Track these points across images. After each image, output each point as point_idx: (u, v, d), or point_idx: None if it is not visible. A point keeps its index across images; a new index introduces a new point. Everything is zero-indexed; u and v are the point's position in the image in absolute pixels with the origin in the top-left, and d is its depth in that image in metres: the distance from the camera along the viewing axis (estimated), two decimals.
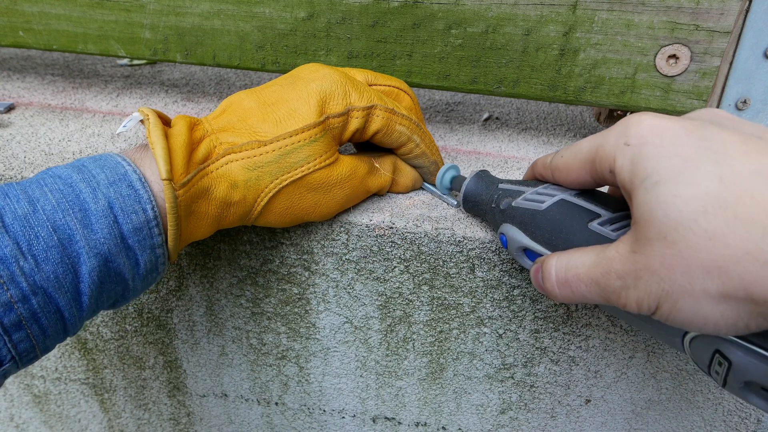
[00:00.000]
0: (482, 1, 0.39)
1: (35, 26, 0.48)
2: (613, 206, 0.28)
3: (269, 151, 0.32)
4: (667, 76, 0.39)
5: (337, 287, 0.42)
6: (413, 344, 0.44)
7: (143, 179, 0.30)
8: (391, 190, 0.41)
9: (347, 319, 0.44)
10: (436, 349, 0.44)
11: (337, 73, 0.35)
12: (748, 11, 0.38)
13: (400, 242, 0.39)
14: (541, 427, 0.48)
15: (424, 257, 0.39)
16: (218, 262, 0.43)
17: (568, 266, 0.26)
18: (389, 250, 0.39)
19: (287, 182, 0.33)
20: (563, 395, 0.46)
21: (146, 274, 0.31)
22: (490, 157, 0.47)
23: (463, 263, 0.39)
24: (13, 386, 0.56)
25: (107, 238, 0.28)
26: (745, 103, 0.41)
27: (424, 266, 0.40)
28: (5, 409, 0.58)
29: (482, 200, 0.35)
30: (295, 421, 0.53)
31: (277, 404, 0.52)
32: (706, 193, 0.21)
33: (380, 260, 0.40)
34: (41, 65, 0.62)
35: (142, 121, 0.33)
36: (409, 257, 0.39)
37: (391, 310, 0.42)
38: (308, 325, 0.45)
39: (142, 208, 0.29)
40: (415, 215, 0.39)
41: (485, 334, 0.42)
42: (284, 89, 0.35)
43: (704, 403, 0.45)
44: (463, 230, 0.38)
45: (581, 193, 0.29)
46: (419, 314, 0.42)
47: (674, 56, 0.39)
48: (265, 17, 0.43)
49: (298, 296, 0.43)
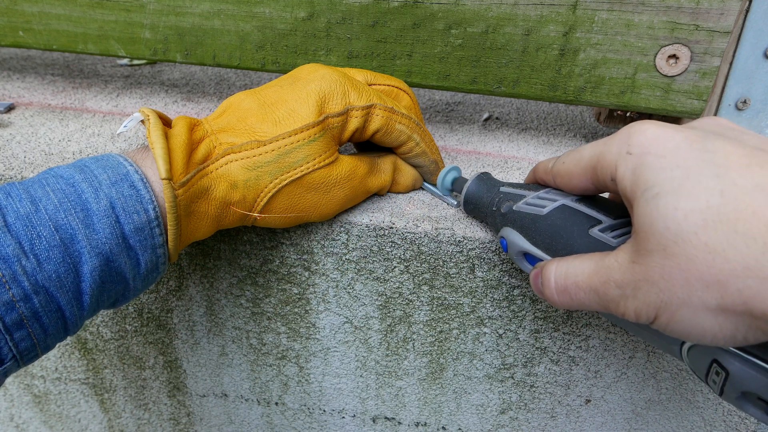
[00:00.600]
0: (482, 1, 0.39)
1: (35, 26, 0.48)
2: (614, 212, 0.28)
3: (268, 150, 0.32)
4: (667, 76, 0.39)
5: (337, 287, 0.42)
6: (413, 344, 0.44)
7: (145, 179, 0.30)
8: (391, 190, 0.41)
9: (347, 319, 0.44)
10: (436, 349, 0.44)
11: (336, 73, 0.35)
12: (748, 11, 0.38)
13: (400, 242, 0.39)
14: (541, 427, 0.48)
15: (424, 257, 0.39)
16: (218, 262, 0.43)
17: (567, 273, 0.26)
18: (389, 250, 0.39)
19: (287, 182, 0.33)
20: (563, 395, 0.46)
21: (147, 273, 0.31)
22: (490, 157, 0.47)
23: (463, 263, 0.39)
24: (13, 386, 0.56)
25: (109, 237, 0.28)
26: (745, 103, 0.41)
27: (424, 266, 0.40)
28: (5, 409, 0.58)
29: (483, 203, 0.35)
30: (295, 421, 0.53)
31: (277, 404, 0.52)
32: (706, 206, 0.21)
33: (380, 260, 0.40)
34: (41, 65, 0.62)
35: (142, 121, 0.33)
36: (409, 257, 0.39)
37: (391, 310, 0.42)
38: (308, 325, 0.45)
39: (143, 208, 0.29)
40: (415, 215, 0.39)
41: (485, 334, 0.42)
42: (283, 89, 0.35)
43: (704, 403, 0.45)
44: (463, 230, 0.38)
45: (582, 198, 0.29)
46: (419, 314, 0.42)
47: (674, 56, 0.39)
48: (265, 17, 0.43)
49: (298, 296, 0.43)
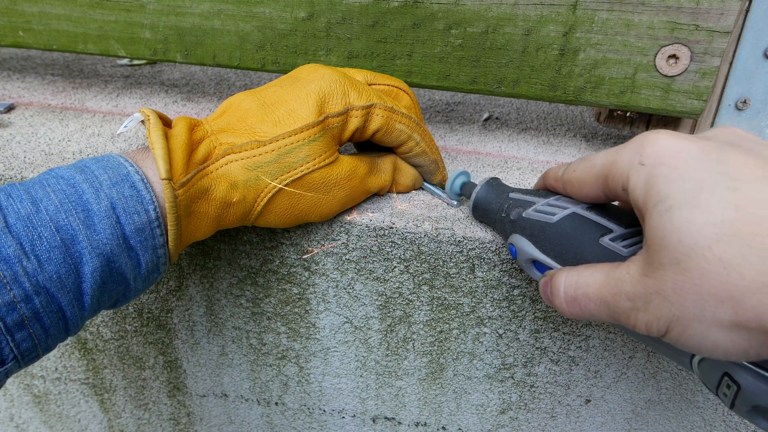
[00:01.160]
0: (482, 1, 0.39)
1: (35, 26, 0.48)
2: (625, 221, 0.27)
3: (268, 150, 0.32)
4: (667, 76, 0.39)
5: (337, 287, 0.42)
6: (413, 344, 0.44)
7: (145, 180, 0.30)
8: (391, 190, 0.41)
9: (347, 319, 0.44)
10: (436, 349, 0.44)
11: (336, 73, 0.35)
12: (748, 11, 0.38)
13: (400, 242, 0.39)
14: (541, 427, 0.48)
15: (424, 257, 0.39)
16: (218, 262, 0.43)
17: (577, 284, 0.26)
18: (389, 250, 0.39)
19: (287, 182, 0.33)
20: (563, 395, 0.46)
21: (148, 274, 0.31)
22: (490, 157, 0.47)
23: (463, 263, 0.39)
24: (13, 386, 0.56)
25: (110, 238, 0.28)
26: (745, 103, 0.41)
27: (424, 266, 0.40)
28: (5, 409, 0.58)
29: (492, 209, 0.35)
30: (295, 421, 0.53)
31: (277, 404, 0.52)
32: (721, 220, 0.20)
33: (380, 260, 0.40)
34: (41, 65, 0.62)
35: (142, 121, 0.33)
36: (409, 257, 0.39)
37: (391, 310, 0.42)
38: (308, 325, 0.45)
39: (144, 208, 0.29)
40: (415, 215, 0.39)
41: (485, 334, 0.42)
42: (283, 90, 0.35)
43: (704, 403, 0.45)
44: (463, 230, 0.38)
45: (593, 206, 0.29)
46: (419, 314, 0.42)
47: (674, 56, 0.39)
48: (265, 17, 0.43)
49: (298, 296, 0.43)
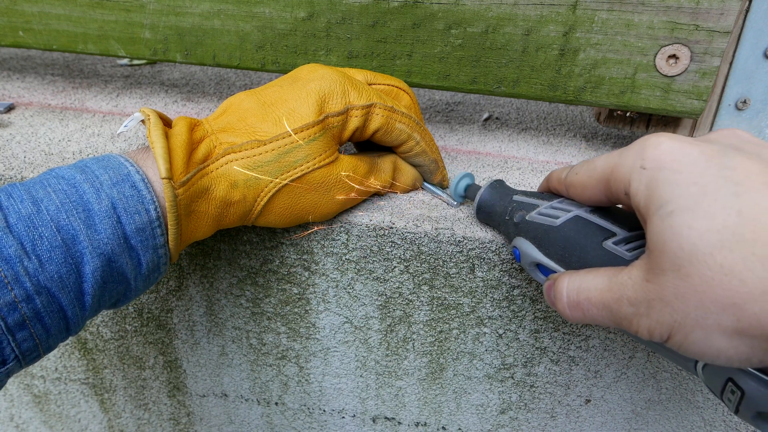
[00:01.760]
0: (482, 1, 0.39)
1: (35, 26, 0.48)
2: (628, 224, 0.27)
3: (269, 150, 0.33)
4: (667, 76, 0.39)
5: (337, 287, 0.42)
6: (413, 344, 0.44)
7: (146, 180, 0.30)
8: (391, 190, 0.41)
9: (347, 319, 0.44)
10: (436, 349, 0.44)
11: (336, 72, 0.35)
12: (748, 11, 0.38)
13: (400, 242, 0.39)
14: (541, 427, 0.48)
15: (424, 257, 0.39)
16: (218, 262, 0.43)
17: (579, 288, 0.26)
18: (389, 250, 0.39)
19: (287, 181, 0.33)
20: (563, 395, 0.46)
21: (148, 274, 0.31)
22: (490, 157, 0.47)
23: (463, 263, 0.39)
24: (13, 386, 0.56)
25: (110, 238, 0.28)
26: (745, 103, 0.41)
27: (424, 266, 0.40)
28: (5, 409, 0.58)
29: (496, 211, 0.35)
30: (295, 421, 0.53)
31: (277, 404, 0.52)
32: (723, 226, 0.20)
33: (380, 260, 0.40)
34: (41, 65, 0.62)
35: (143, 121, 0.33)
36: (409, 257, 0.39)
37: (391, 310, 0.42)
38: (308, 325, 0.45)
39: (144, 208, 0.29)
40: (415, 215, 0.39)
41: (485, 334, 0.42)
42: (283, 89, 0.35)
43: (704, 403, 0.45)
44: (463, 230, 0.38)
45: (596, 209, 0.29)
46: (419, 314, 0.42)
47: (674, 56, 0.39)
48: (265, 17, 0.43)
49: (298, 296, 0.43)
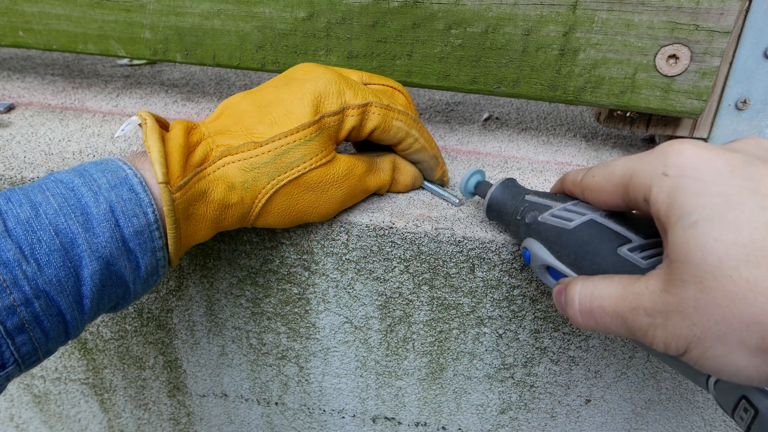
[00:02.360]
0: (482, 1, 0.39)
1: (35, 26, 0.48)
2: (644, 231, 0.27)
3: (265, 151, 0.33)
4: (667, 76, 0.39)
5: (337, 287, 0.42)
6: (413, 344, 0.44)
7: (144, 183, 0.30)
8: (391, 189, 0.41)
9: (347, 319, 0.44)
10: (436, 349, 0.44)
11: (331, 72, 0.35)
12: (748, 11, 0.38)
13: (400, 242, 0.39)
14: (541, 427, 0.48)
15: (424, 257, 0.39)
16: (218, 262, 0.43)
17: (593, 295, 0.25)
18: (389, 250, 0.39)
19: (284, 182, 0.33)
20: (563, 395, 0.46)
21: (147, 277, 0.31)
22: (490, 157, 0.47)
23: (463, 263, 0.39)
24: (13, 386, 0.56)
25: (109, 241, 0.28)
26: (745, 103, 0.41)
27: (424, 266, 0.40)
28: (5, 409, 0.58)
29: (507, 210, 0.34)
30: (295, 421, 0.53)
31: (277, 404, 0.52)
32: (750, 240, 0.19)
33: (380, 260, 0.40)
34: (41, 65, 0.62)
35: (140, 124, 0.33)
36: (409, 257, 0.39)
37: (391, 310, 0.42)
38: (308, 325, 0.45)
39: (143, 211, 0.29)
40: (415, 215, 0.39)
41: (485, 334, 0.42)
42: (279, 90, 0.35)
43: (704, 403, 0.45)
44: (463, 230, 0.38)
45: (612, 214, 0.28)
46: (419, 314, 0.42)
47: (674, 56, 0.39)
48: (265, 17, 0.43)
49: (298, 296, 0.43)
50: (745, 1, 0.38)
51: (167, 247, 0.31)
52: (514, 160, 0.46)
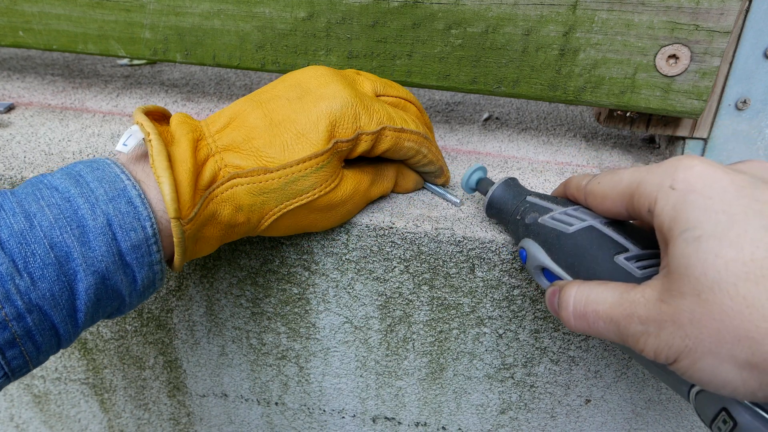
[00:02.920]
0: (482, 1, 0.39)
1: (35, 26, 0.48)
2: (642, 242, 0.27)
3: (275, 178, 0.32)
4: (667, 76, 0.39)
5: (337, 287, 0.42)
6: (413, 344, 0.44)
7: (143, 195, 0.29)
8: (393, 191, 0.41)
9: (347, 319, 0.44)
10: (436, 349, 0.44)
11: (347, 91, 0.33)
12: (748, 11, 0.38)
13: (400, 242, 0.39)
14: (541, 427, 0.48)
15: (424, 257, 0.39)
16: (218, 262, 0.43)
17: (588, 300, 0.26)
18: (389, 250, 0.39)
19: (291, 207, 0.33)
20: (563, 395, 0.46)
21: (143, 290, 0.30)
22: (490, 157, 0.47)
23: (463, 263, 0.39)
24: (13, 386, 0.56)
25: (105, 255, 0.27)
26: (745, 103, 0.41)
27: (424, 266, 0.40)
28: (5, 409, 0.58)
29: (507, 209, 0.35)
30: (295, 421, 0.53)
31: (277, 404, 0.52)
32: (750, 259, 0.20)
33: (380, 260, 0.40)
34: (41, 65, 0.62)
35: (144, 139, 0.32)
36: (409, 257, 0.39)
37: (391, 310, 0.42)
38: (308, 325, 0.45)
39: (141, 225, 0.28)
40: (415, 215, 0.39)
41: (485, 334, 0.42)
42: (292, 105, 0.33)
43: None
44: (463, 230, 0.38)
45: (612, 222, 0.28)
46: (419, 314, 0.42)
47: (674, 56, 0.39)
48: (265, 17, 0.43)
49: (298, 296, 0.43)
50: (745, 1, 0.38)
51: (164, 261, 0.31)
52: (514, 160, 0.46)
